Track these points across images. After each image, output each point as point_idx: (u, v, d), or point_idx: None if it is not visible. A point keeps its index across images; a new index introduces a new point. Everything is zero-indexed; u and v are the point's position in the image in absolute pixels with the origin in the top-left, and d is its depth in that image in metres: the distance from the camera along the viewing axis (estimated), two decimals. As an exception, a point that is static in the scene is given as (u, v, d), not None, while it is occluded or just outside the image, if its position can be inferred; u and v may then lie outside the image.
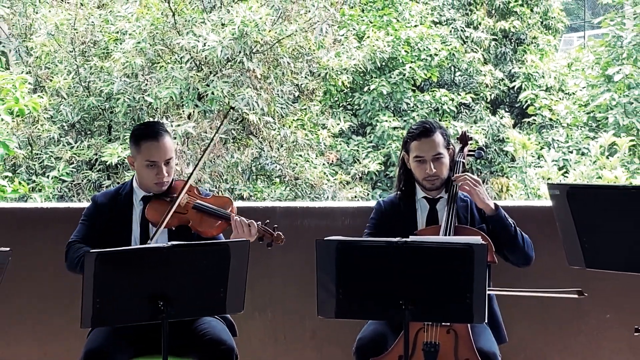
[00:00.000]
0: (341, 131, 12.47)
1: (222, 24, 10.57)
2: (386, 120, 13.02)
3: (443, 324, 3.29)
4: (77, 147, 10.56)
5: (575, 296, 3.24)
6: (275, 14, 10.88)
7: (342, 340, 4.07)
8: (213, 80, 10.39)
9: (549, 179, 9.50)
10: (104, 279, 2.92)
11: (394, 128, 12.90)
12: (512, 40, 15.72)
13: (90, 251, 2.96)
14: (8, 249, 2.94)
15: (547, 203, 4.00)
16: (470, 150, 3.79)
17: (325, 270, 3.01)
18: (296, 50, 10.92)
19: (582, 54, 14.76)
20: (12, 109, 8.34)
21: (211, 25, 10.48)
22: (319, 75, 11.84)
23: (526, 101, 14.14)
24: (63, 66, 10.91)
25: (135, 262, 3.02)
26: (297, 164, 10.95)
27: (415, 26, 13.91)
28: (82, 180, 10.48)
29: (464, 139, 3.80)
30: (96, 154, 10.41)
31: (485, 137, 13.71)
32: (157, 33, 10.55)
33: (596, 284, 3.68)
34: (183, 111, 10.34)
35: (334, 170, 11.89)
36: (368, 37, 13.15)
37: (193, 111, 10.34)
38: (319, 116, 11.92)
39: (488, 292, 3.48)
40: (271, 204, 5.87)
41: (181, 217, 3.52)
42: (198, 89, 10.36)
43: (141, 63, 10.38)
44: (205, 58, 10.42)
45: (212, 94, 10.26)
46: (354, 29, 13.50)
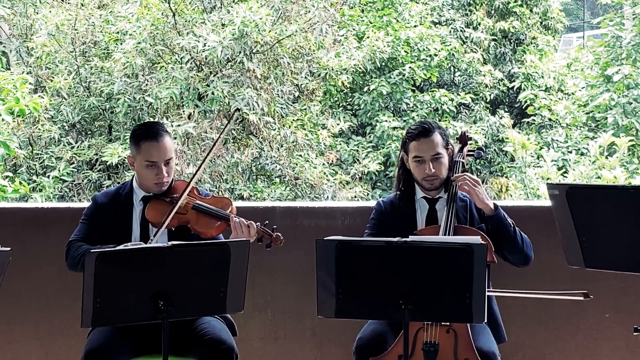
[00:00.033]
0: (341, 131, 12.47)
1: (222, 24, 10.58)
2: (386, 121, 13.02)
3: (442, 323, 3.29)
4: (78, 147, 10.57)
5: (580, 298, 3.22)
6: (275, 15, 10.88)
7: (342, 340, 4.08)
8: (213, 81, 10.39)
9: (548, 179, 9.51)
10: (104, 278, 2.92)
11: (394, 128, 12.91)
12: (511, 41, 15.72)
13: (91, 251, 2.96)
14: (9, 248, 2.94)
15: (547, 203, 4.02)
16: (469, 150, 3.79)
17: (325, 269, 3.01)
18: (296, 50, 10.92)
19: (581, 54, 14.78)
20: (13, 109, 8.36)
21: (211, 26, 10.48)
22: (319, 75, 11.84)
23: (525, 101, 14.14)
24: (64, 66, 10.92)
25: (136, 262, 3.02)
26: (297, 164, 10.96)
27: (415, 26, 13.91)
28: (82, 180, 10.48)
29: (464, 139, 3.80)
30: (97, 154, 10.42)
31: (485, 137, 13.72)
32: (157, 33, 10.56)
33: (595, 283, 3.68)
34: (183, 111, 10.35)
35: (333, 170, 11.89)
36: (368, 37, 13.14)
37: (193, 111, 10.35)
38: (318, 116, 11.93)
39: (493, 293, 3.50)
40: (271, 204, 5.88)
41: (181, 218, 3.51)
42: (198, 89, 10.37)
43: (141, 63, 10.38)
44: (206, 58, 10.42)
45: (212, 94, 10.27)
46: (354, 29, 13.50)
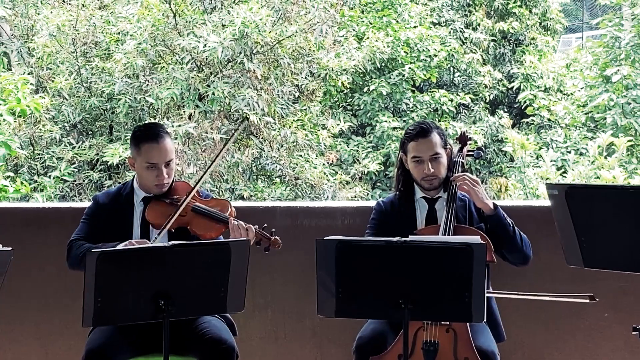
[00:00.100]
0: (341, 131, 12.47)
1: (223, 25, 10.58)
2: (386, 121, 13.03)
3: (442, 323, 3.30)
4: (79, 148, 10.58)
5: (587, 301, 3.21)
6: (276, 15, 10.88)
7: (342, 339, 4.09)
8: (214, 81, 10.40)
9: (547, 179, 9.52)
10: (105, 278, 2.93)
11: (394, 128, 12.91)
12: (510, 41, 15.71)
13: (92, 251, 2.96)
14: (10, 248, 2.95)
15: (546, 203, 4.03)
16: (469, 151, 3.79)
17: (325, 269, 3.01)
18: (296, 51, 10.93)
19: (580, 55, 14.78)
20: (14, 109, 8.38)
21: (212, 26, 10.49)
22: (319, 75, 11.84)
23: (525, 102, 14.14)
24: (65, 67, 10.93)
25: (137, 262, 3.02)
26: (297, 164, 10.96)
27: (415, 27, 13.90)
28: (83, 180, 10.49)
29: (463, 139, 3.80)
30: (97, 154, 10.43)
31: (484, 137, 13.72)
32: (158, 34, 10.57)
33: (594, 283, 3.69)
34: (184, 112, 10.36)
35: (333, 170, 11.89)
36: (368, 38, 13.14)
37: (194, 112, 10.36)
38: (319, 117, 11.94)
39: (500, 295, 3.49)
40: (271, 204, 5.88)
41: (180, 220, 3.52)
42: (199, 90, 10.38)
43: (142, 64, 10.39)
44: (206, 59, 10.43)
45: (213, 95, 10.27)
46: (354, 30, 13.49)
